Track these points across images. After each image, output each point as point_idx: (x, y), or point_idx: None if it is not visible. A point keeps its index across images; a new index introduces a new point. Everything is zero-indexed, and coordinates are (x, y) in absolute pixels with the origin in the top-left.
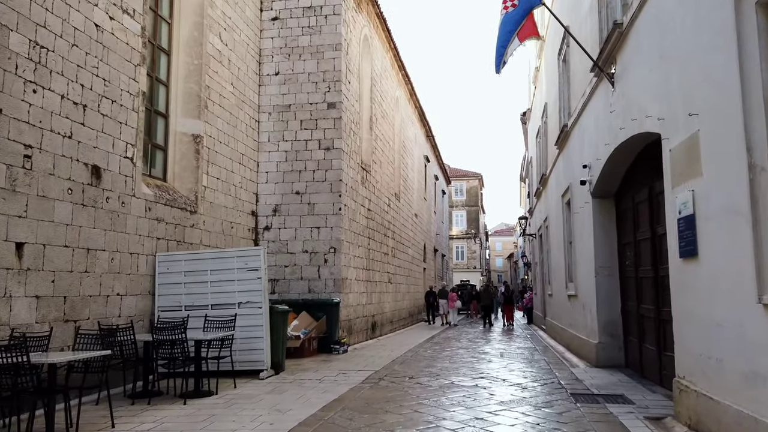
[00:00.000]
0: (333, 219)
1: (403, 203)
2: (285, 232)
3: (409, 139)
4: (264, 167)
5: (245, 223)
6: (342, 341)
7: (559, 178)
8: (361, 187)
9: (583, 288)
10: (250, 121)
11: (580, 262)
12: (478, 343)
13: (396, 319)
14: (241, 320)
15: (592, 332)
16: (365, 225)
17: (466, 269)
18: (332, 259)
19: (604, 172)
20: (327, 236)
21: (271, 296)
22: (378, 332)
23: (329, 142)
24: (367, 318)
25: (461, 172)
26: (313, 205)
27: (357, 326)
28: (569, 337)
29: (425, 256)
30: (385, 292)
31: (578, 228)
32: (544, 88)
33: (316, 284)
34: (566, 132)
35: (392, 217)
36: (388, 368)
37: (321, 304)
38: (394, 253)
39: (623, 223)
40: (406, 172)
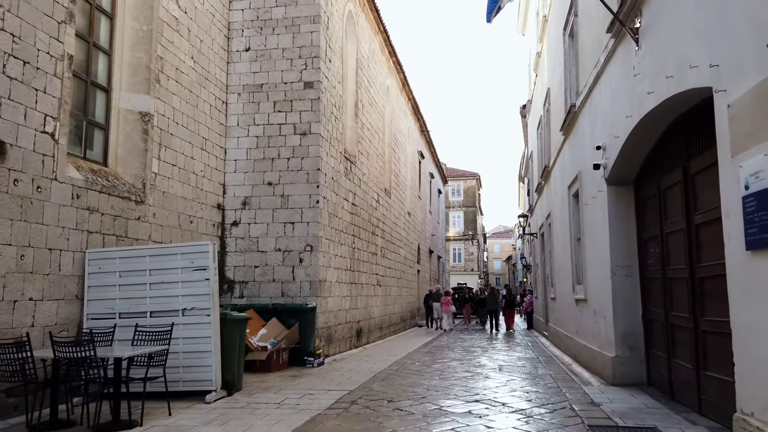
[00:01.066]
0: (310, 213)
1: (394, 200)
2: (255, 227)
3: (401, 132)
4: (232, 154)
5: (209, 218)
6: (317, 352)
7: (565, 168)
8: (345, 179)
9: (594, 291)
10: (216, 101)
11: (591, 262)
12: (474, 352)
13: (386, 325)
14: (186, 330)
15: (607, 343)
16: (349, 221)
17: (464, 272)
18: (308, 259)
19: (623, 154)
20: (303, 232)
21: (238, 301)
22: (365, 340)
23: (306, 126)
24: (351, 324)
25: (459, 171)
26: (287, 197)
27: (338, 334)
28: (577, 347)
29: (419, 257)
30: (373, 295)
31: (589, 222)
32: (546, 73)
33: (289, 287)
34: (573, 114)
35: (382, 214)
36: (365, 387)
37: (293, 310)
38: (383, 254)
39: (645, 214)
40: (398, 167)
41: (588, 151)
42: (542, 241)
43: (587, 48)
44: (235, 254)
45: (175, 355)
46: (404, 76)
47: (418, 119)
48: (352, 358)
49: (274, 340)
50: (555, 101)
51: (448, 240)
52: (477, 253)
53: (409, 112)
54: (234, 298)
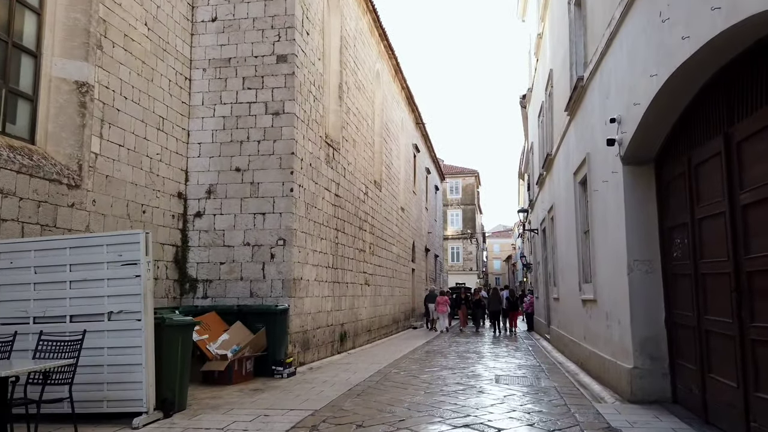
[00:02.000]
0: (283, 203)
1: (385, 194)
2: (222, 219)
3: (393, 122)
4: (196, 137)
5: (167, 208)
6: (287, 361)
7: (570, 153)
8: (326, 167)
9: (606, 291)
10: (177, 77)
11: (602, 257)
12: (468, 359)
13: (375, 327)
14: (112, 339)
15: (623, 352)
16: (331, 214)
17: (462, 271)
18: (281, 254)
19: (644, 124)
20: (275, 224)
21: (202, 301)
22: (350, 344)
23: (278, 105)
24: (333, 328)
25: (457, 168)
26: (257, 185)
27: (317, 339)
28: (585, 354)
29: (414, 255)
30: (360, 295)
31: (599, 211)
32: (548, 53)
33: (259, 286)
34: (581, 89)
35: (371, 208)
36: (334, 406)
37: (261, 312)
38: (372, 251)
39: (669, 198)
40: (390, 159)
41: (598, 129)
42: (543, 237)
43: (597, 10)
44: (198, 249)
45: (98, 369)
46: (396, 62)
47: (412, 110)
48: (330, 367)
49: (236, 347)
50: (558, 82)
51: (446, 239)
52: (476, 253)
53: (403, 102)
54: (197, 298)
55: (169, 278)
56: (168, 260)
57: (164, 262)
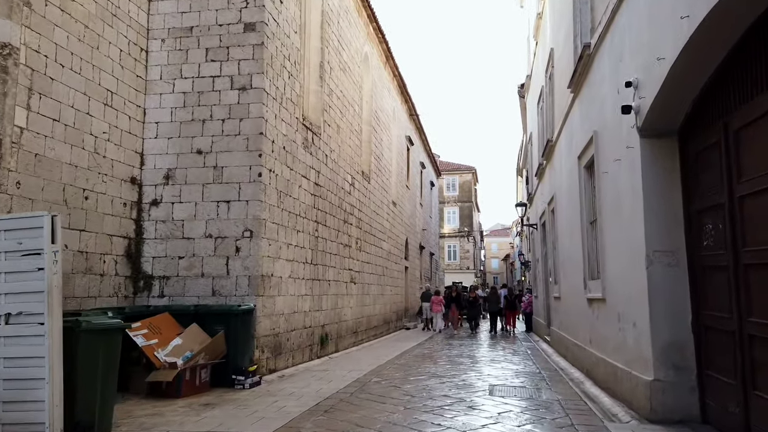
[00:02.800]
0: (250, 189)
1: (375, 186)
2: (181, 208)
3: (384, 111)
4: (153, 115)
5: (117, 194)
6: (250, 369)
7: (574, 134)
8: (303, 152)
9: (618, 288)
10: (130, 47)
11: (613, 249)
12: (461, 364)
13: (363, 329)
14: (8, 348)
15: (640, 360)
16: (310, 204)
17: (459, 270)
18: (247, 248)
19: (668, 85)
20: (240, 213)
21: (158, 301)
22: (332, 347)
23: (245, 80)
24: (312, 330)
25: (453, 165)
26: (221, 169)
27: (292, 342)
28: (591, 360)
29: (407, 252)
30: (345, 294)
31: (609, 197)
32: (548, 33)
33: (222, 284)
34: (587, 58)
35: (357, 200)
36: (291, 428)
37: (221, 314)
38: (360, 246)
39: (698, 175)
40: (380, 149)
41: (608, 101)
42: (543, 232)
43: None
44: (154, 242)
45: None
46: (387, 48)
47: (405, 101)
48: (304, 374)
49: (189, 354)
50: (560, 59)
51: (442, 237)
52: (473, 251)
53: (395, 91)
54: (152, 297)
55: (119, 274)
56: (118, 254)
57: (113, 256)
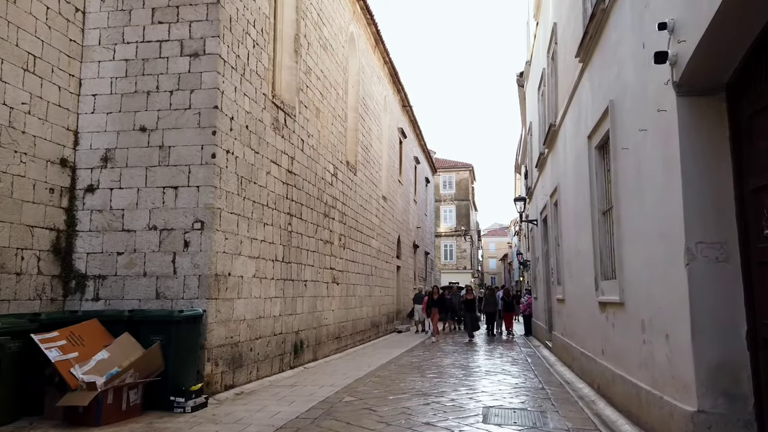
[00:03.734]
0: (201, 173)
1: (362, 178)
2: (121, 195)
3: (373, 98)
4: (90, 87)
5: (42, 178)
6: (193, 388)
7: (583, 112)
8: (273, 134)
9: (642, 289)
10: (62, 6)
11: (635, 241)
12: (451, 377)
13: (348, 333)
14: None
15: (676, 384)
16: (281, 194)
17: (456, 270)
18: (198, 242)
19: (721, 22)
20: (190, 201)
21: (92, 305)
22: (309, 356)
23: (198, 45)
24: (283, 337)
25: (450, 162)
26: (168, 149)
27: (257, 352)
28: (604, 375)
29: (400, 251)
30: (325, 296)
31: (629, 178)
32: (551, 8)
33: (168, 285)
34: (602, 14)
35: (341, 192)
36: None
37: (159, 321)
38: (344, 243)
39: (754, 143)
40: (369, 139)
41: (629, 62)
42: (544, 229)
43: None
44: (89, 235)
45: None
46: (376, 30)
47: (398, 91)
48: (268, 391)
49: (114, 371)
50: (565, 31)
51: (438, 236)
52: (470, 250)
53: (386, 79)
54: (86, 300)
55: (44, 273)
56: (42, 249)
57: (35, 251)
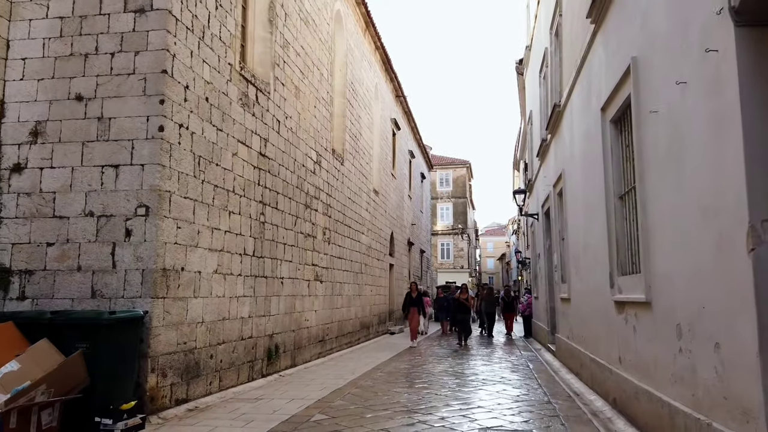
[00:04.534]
0: (147, 149)
1: (350, 169)
2: (52, 175)
3: (364, 85)
4: (20, 49)
5: None
6: (125, 407)
7: (594, 82)
8: (241, 111)
9: (677, 285)
10: None
11: (668, 225)
12: (443, 387)
13: (333, 336)
14: None
15: (731, 408)
16: (252, 179)
17: (453, 269)
18: (142, 230)
19: None
20: (133, 183)
21: (17, 305)
22: (287, 361)
23: None
24: (254, 341)
25: (447, 159)
26: (108, 121)
27: (219, 359)
28: (624, 388)
29: (393, 248)
30: (306, 295)
31: (660, 148)
32: None
33: (106, 280)
34: None
35: (326, 182)
36: None
37: (84, 324)
38: (329, 237)
39: None
40: (359, 128)
41: (657, 5)
42: (546, 223)
43: None
44: (14, 223)
45: None
46: (366, 12)
47: (391, 79)
48: (227, 406)
49: (23, 386)
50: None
51: (435, 234)
52: (467, 249)
53: (377, 65)
54: (9, 300)
55: None
56: None
57: None
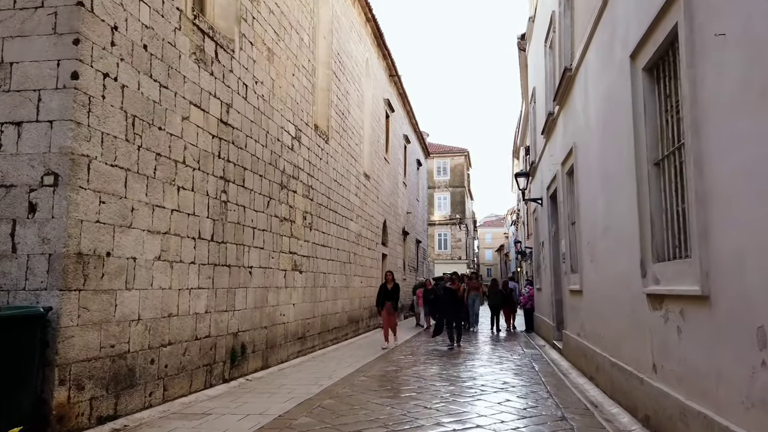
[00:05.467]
0: (56, 101)
1: (336, 149)
2: None
3: (352, 57)
4: None
5: None
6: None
7: (620, 28)
8: (196, 68)
9: (751, 272)
10: None
11: (742, 190)
12: (434, 397)
13: (315, 332)
14: None
15: None
16: (209, 150)
17: (450, 260)
18: (49, 204)
19: None
20: (39, 144)
21: None
22: (258, 362)
23: None
24: (214, 341)
25: (445, 147)
26: (9, 67)
27: (164, 365)
28: (664, 406)
29: (386, 237)
30: (282, 287)
31: (728, 81)
32: None
33: (5, 268)
34: None
35: (306, 161)
36: None
37: None
38: (311, 223)
39: None
40: (347, 105)
41: None
42: (552, 207)
43: None
44: None
45: None
46: None
47: (384, 56)
48: (163, 426)
49: None
50: None
51: (432, 224)
52: (465, 240)
53: (369, 39)
54: None
55: None
56: None
57: None
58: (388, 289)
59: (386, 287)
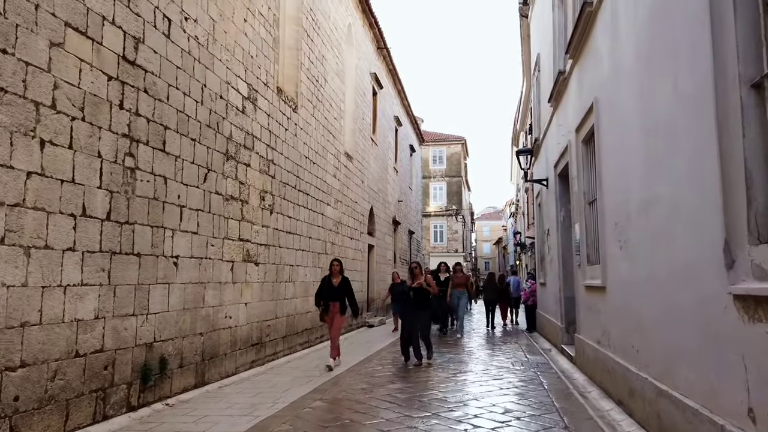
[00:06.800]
0: None
1: (308, 120)
2: None
3: (330, 18)
4: None
5: None
6: None
7: None
8: None
9: None
10: None
11: None
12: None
13: (278, 337)
14: None
15: None
16: (101, 95)
17: (446, 253)
18: None
19: None
20: None
21: None
22: (189, 379)
23: None
24: (111, 356)
25: (441, 135)
26: None
27: (14, 396)
28: None
29: (373, 226)
30: (228, 282)
31: None
32: None
33: None
34: None
35: (265, 129)
36: None
37: None
38: (272, 205)
39: None
40: (323, 71)
41: None
42: (562, 187)
43: None
44: None
45: None
46: None
47: (370, 24)
48: None
49: None
50: None
51: (427, 215)
52: (462, 232)
53: (351, 3)
54: None
55: None
56: None
57: None
58: (334, 285)
59: (331, 281)
